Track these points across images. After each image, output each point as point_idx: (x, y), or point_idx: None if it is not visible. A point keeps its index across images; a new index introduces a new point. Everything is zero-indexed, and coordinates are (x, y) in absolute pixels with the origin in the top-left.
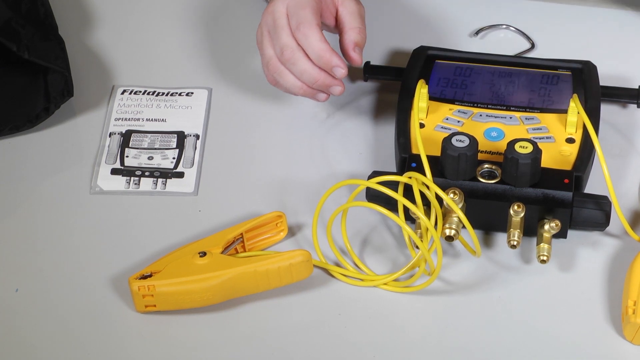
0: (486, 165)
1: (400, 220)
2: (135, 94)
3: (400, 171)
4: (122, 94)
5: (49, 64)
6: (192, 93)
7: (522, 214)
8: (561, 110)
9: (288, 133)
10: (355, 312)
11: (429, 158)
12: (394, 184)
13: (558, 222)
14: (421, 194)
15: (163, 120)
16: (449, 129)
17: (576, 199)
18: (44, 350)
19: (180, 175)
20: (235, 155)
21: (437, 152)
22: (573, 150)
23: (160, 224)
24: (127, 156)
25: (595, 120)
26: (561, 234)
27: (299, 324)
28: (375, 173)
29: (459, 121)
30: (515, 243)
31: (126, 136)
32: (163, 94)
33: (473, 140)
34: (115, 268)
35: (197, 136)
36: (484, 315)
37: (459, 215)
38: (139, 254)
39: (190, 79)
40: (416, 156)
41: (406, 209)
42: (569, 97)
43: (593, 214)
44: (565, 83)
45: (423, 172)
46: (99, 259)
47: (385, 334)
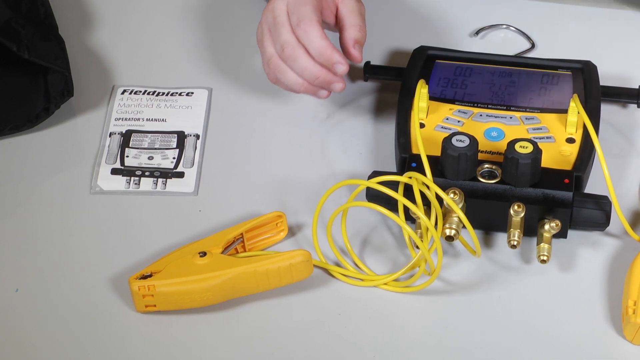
0: (486, 165)
1: (401, 220)
2: (135, 94)
3: (400, 171)
4: (122, 94)
5: (49, 64)
6: (192, 93)
7: (522, 214)
8: (561, 110)
9: (288, 133)
10: (355, 312)
11: (429, 158)
12: (394, 184)
13: (558, 222)
14: (421, 194)
15: (163, 120)
16: (449, 129)
17: (576, 199)
18: (44, 350)
19: (181, 175)
20: (235, 155)
21: (437, 152)
22: (573, 150)
23: (160, 224)
24: (127, 156)
25: (595, 120)
26: (561, 234)
27: (299, 324)
28: (375, 173)
29: (459, 121)
30: (515, 243)
31: (126, 136)
32: (163, 94)
33: (473, 140)
34: (115, 268)
35: (197, 136)
36: (484, 315)
37: (459, 215)
38: (139, 254)
39: (190, 79)
40: (416, 156)
41: (406, 209)
42: (569, 97)
43: (593, 214)
44: (566, 83)
45: (423, 172)
46: (99, 259)
47: (385, 334)
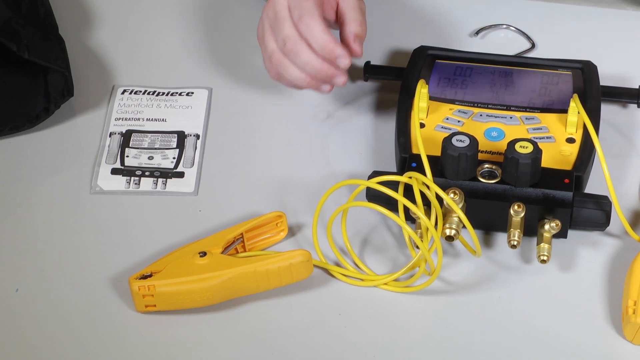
0: (486, 165)
1: (401, 220)
2: (135, 93)
3: (400, 171)
4: (122, 93)
5: (49, 64)
6: (192, 93)
7: (522, 214)
8: (561, 110)
9: (288, 133)
10: (355, 312)
11: (429, 158)
12: (394, 184)
13: (558, 222)
14: (421, 194)
15: (163, 120)
16: (449, 129)
17: (576, 199)
18: (44, 350)
19: (181, 175)
20: (235, 155)
21: (437, 152)
22: (573, 150)
23: (160, 224)
24: (127, 156)
25: (595, 120)
26: (561, 234)
27: (299, 324)
28: (375, 173)
29: (459, 121)
30: (515, 243)
31: (126, 136)
32: (163, 93)
33: (473, 140)
34: (115, 268)
35: (197, 136)
36: (484, 315)
37: (459, 215)
38: (139, 254)
39: (190, 79)
40: (416, 156)
41: (406, 209)
42: (569, 97)
43: (593, 214)
44: (566, 83)
45: (423, 172)
46: (99, 259)
47: (385, 334)
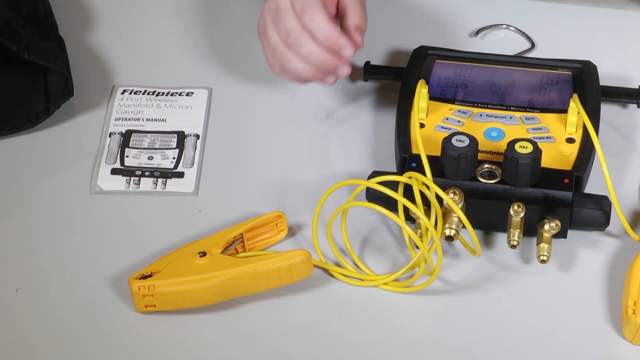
0: (486, 165)
1: (400, 220)
2: (135, 94)
3: (400, 171)
4: (122, 94)
5: (49, 64)
6: (192, 93)
7: (522, 214)
8: (561, 110)
9: (288, 133)
10: (355, 312)
11: (429, 158)
12: (394, 184)
13: (558, 222)
14: (421, 194)
15: (163, 120)
16: (449, 129)
17: (576, 199)
18: (44, 350)
19: (180, 175)
20: (235, 155)
21: (437, 152)
22: (573, 150)
23: (160, 224)
24: (127, 156)
25: (595, 120)
26: (561, 234)
27: (299, 324)
28: (375, 173)
29: (459, 121)
30: (515, 243)
31: (126, 136)
32: (163, 94)
33: (473, 140)
34: (115, 268)
35: (197, 136)
36: (484, 315)
37: (459, 215)
38: (139, 254)
39: (190, 79)
40: (416, 156)
41: (406, 209)
42: (569, 97)
43: (593, 214)
44: (565, 83)
45: (423, 172)
46: (99, 259)
47: (385, 334)
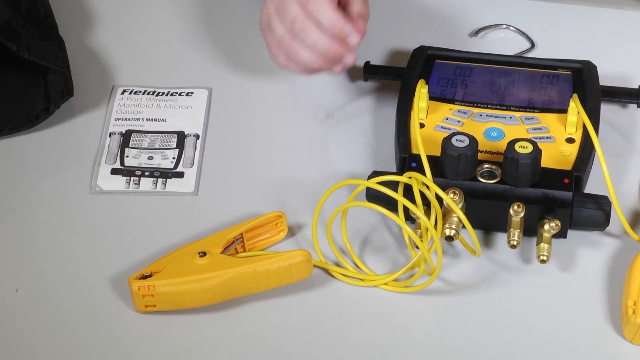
0: (486, 165)
1: (400, 220)
2: (135, 94)
3: (400, 171)
4: (122, 94)
5: (49, 64)
6: (192, 93)
7: (522, 214)
8: (561, 110)
9: (288, 133)
10: (355, 312)
11: (429, 158)
12: (394, 184)
13: (558, 222)
14: (421, 194)
15: (163, 120)
16: (449, 129)
17: (576, 199)
18: (44, 350)
19: (180, 175)
20: (235, 155)
21: (437, 152)
22: (573, 150)
23: (160, 224)
24: (127, 156)
25: (595, 120)
26: (561, 234)
27: (299, 324)
28: (375, 173)
29: (459, 121)
30: (515, 243)
31: (126, 136)
32: (163, 94)
33: (473, 140)
34: (115, 268)
35: (197, 136)
36: (484, 315)
37: (459, 215)
38: (139, 254)
39: (190, 79)
40: (416, 156)
41: (406, 209)
42: (569, 97)
43: (593, 214)
44: (565, 83)
45: (423, 172)
46: (99, 259)
47: (385, 334)
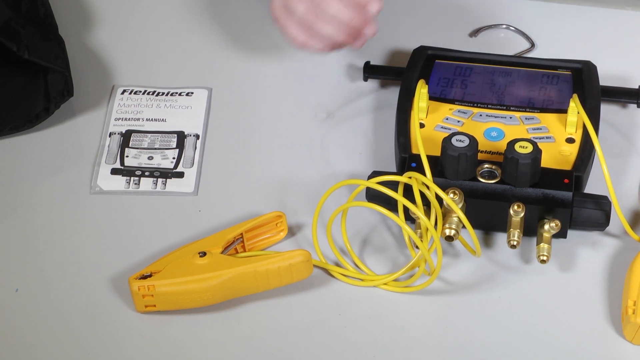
0: (486, 165)
1: (400, 220)
2: (135, 94)
3: (400, 171)
4: (122, 94)
5: (49, 64)
6: (192, 93)
7: (522, 214)
8: (561, 110)
9: (288, 133)
10: (355, 312)
11: (429, 158)
12: (394, 184)
13: (558, 222)
14: (421, 194)
15: (163, 120)
16: (449, 129)
17: (576, 199)
18: (44, 350)
19: (180, 175)
20: (235, 155)
21: (437, 152)
22: (573, 150)
23: (160, 224)
24: (127, 156)
25: (595, 120)
26: (561, 234)
27: (299, 324)
28: (375, 173)
29: (459, 121)
30: (515, 243)
31: (126, 136)
32: (163, 94)
33: (473, 140)
34: (115, 268)
35: (197, 136)
36: (484, 315)
37: (459, 215)
38: (139, 254)
39: (190, 79)
40: (416, 156)
41: (406, 209)
42: (569, 97)
43: (593, 214)
44: (565, 83)
45: (423, 172)
46: (99, 259)
47: (385, 334)
